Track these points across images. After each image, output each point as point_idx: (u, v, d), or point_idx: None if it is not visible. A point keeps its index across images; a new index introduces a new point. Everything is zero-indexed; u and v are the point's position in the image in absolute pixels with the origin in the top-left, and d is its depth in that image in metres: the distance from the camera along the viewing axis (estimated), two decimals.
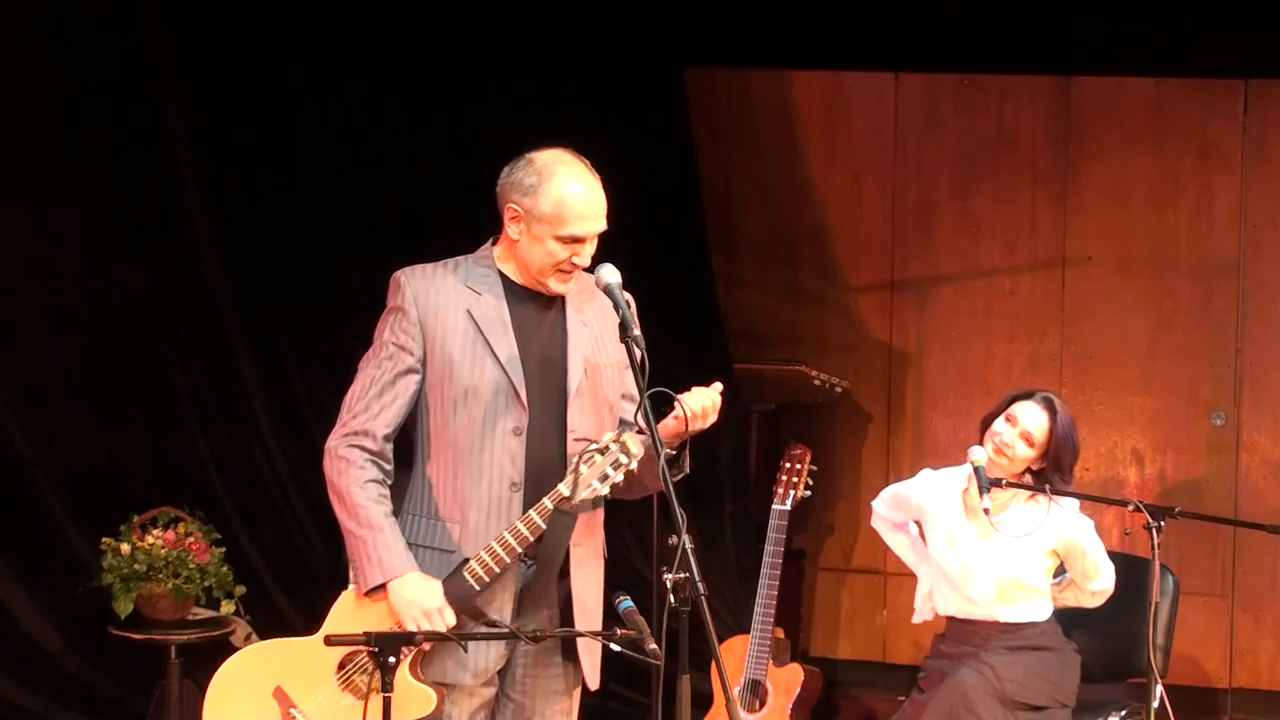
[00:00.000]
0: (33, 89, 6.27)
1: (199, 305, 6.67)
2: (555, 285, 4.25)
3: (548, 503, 4.15)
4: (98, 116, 6.43)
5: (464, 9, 7.01)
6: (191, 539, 6.14)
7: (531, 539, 4.17)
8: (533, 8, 7.07)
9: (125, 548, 6.06)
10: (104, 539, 6.10)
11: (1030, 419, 5.50)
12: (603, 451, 4.12)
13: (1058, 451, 5.48)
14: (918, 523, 5.76)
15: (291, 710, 4.17)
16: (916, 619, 5.83)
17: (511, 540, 4.16)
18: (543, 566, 4.19)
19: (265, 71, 6.72)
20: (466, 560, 4.18)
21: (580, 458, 4.12)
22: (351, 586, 4.22)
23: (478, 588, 4.16)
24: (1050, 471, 5.50)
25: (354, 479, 4.20)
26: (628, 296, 4.26)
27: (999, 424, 5.52)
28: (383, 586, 4.16)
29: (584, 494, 4.12)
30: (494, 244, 4.32)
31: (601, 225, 4.24)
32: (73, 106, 6.36)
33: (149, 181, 6.53)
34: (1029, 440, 5.49)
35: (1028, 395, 5.56)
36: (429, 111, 7.02)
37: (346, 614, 4.20)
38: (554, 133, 4.31)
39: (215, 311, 6.69)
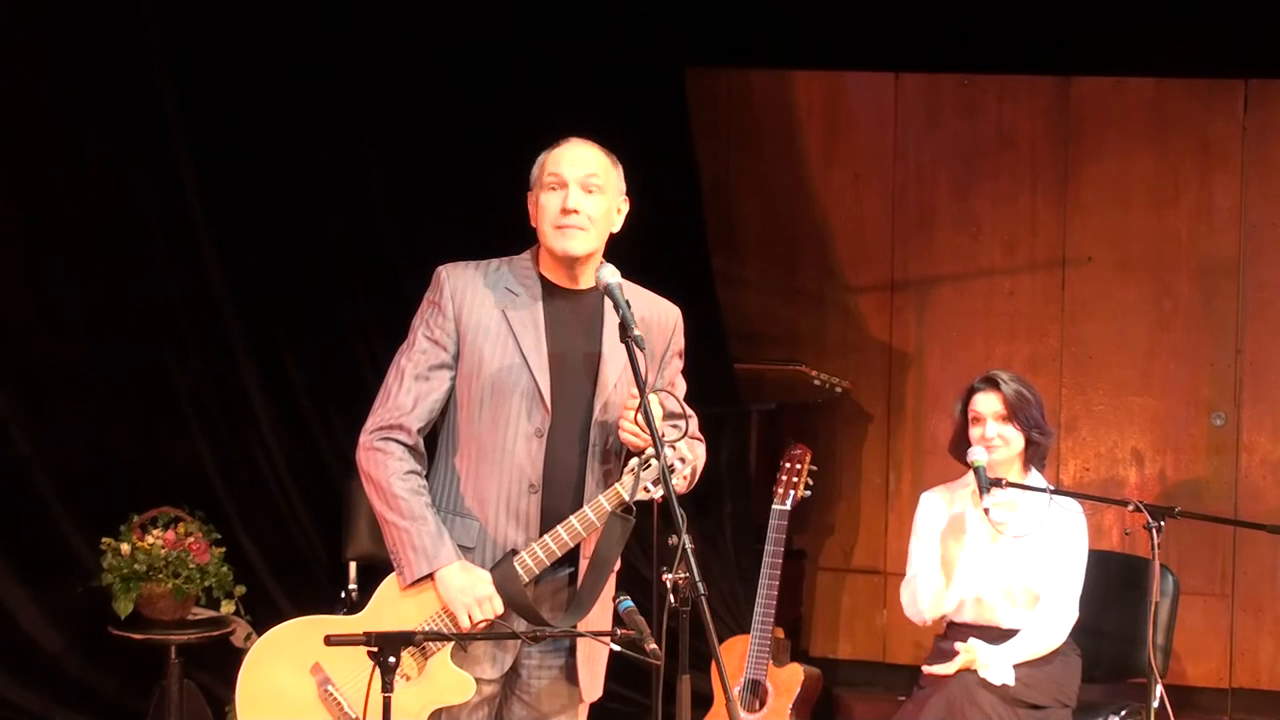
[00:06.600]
0: (31, 88, 6.26)
1: (199, 305, 6.66)
2: (560, 245, 4.19)
3: (604, 503, 4.15)
4: (97, 115, 6.42)
5: (464, 9, 7.01)
6: (191, 539, 6.14)
7: (585, 535, 4.16)
8: (533, 8, 7.06)
9: (125, 548, 6.06)
10: (104, 539, 6.10)
11: (989, 405, 5.54)
12: (658, 456, 4.10)
13: (1021, 410, 5.52)
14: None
15: (327, 686, 4.15)
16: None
17: (565, 536, 4.15)
18: (596, 568, 4.16)
19: (265, 71, 6.71)
20: (515, 551, 4.17)
21: (639, 461, 4.12)
22: (393, 574, 4.19)
23: (527, 579, 4.15)
24: (1031, 431, 5.53)
25: (392, 470, 4.18)
26: (656, 299, 4.30)
27: (974, 432, 5.55)
28: (429, 576, 4.14)
29: (639, 497, 4.12)
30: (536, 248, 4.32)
31: (585, 169, 4.19)
32: (72, 105, 6.35)
33: (149, 181, 6.52)
34: (1002, 419, 5.52)
35: (971, 392, 5.60)
36: (429, 111, 7.01)
37: (390, 601, 4.18)
38: (554, 133, 4.31)
39: (215, 311, 6.69)
